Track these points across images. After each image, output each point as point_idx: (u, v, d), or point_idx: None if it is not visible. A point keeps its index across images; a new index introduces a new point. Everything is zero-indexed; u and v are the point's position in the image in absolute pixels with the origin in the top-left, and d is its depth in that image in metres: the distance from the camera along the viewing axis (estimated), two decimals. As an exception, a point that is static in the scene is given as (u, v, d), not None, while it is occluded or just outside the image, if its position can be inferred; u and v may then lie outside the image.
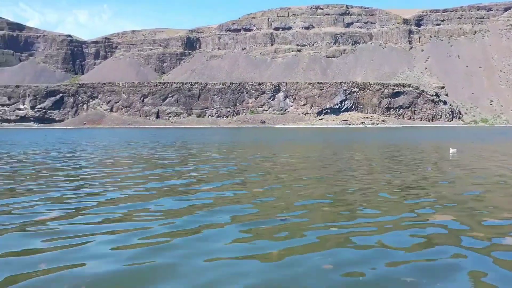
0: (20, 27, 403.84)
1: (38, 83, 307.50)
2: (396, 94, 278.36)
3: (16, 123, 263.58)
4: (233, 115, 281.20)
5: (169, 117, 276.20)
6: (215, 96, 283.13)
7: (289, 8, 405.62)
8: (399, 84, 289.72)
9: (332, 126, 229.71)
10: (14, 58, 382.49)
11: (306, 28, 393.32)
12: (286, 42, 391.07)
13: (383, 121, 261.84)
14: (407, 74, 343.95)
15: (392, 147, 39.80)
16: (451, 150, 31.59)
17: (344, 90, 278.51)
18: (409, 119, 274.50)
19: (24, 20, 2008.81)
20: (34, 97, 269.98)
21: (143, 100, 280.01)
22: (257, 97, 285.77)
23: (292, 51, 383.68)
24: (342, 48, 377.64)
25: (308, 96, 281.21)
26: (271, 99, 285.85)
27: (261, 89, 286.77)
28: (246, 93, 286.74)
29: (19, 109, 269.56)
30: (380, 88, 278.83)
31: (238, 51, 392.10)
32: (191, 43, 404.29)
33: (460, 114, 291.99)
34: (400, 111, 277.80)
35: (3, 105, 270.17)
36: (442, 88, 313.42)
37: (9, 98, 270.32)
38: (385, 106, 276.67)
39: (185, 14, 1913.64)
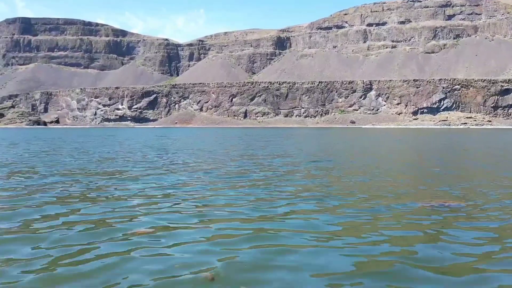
0: (123, 33, 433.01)
1: (137, 85, 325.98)
2: (506, 92, 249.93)
3: (115, 122, 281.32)
4: (321, 115, 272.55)
5: (257, 116, 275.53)
6: (303, 96, 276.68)
7: (384, 3, 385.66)
8: (509, 80, 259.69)
9: (429, 127, 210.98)
10: (117, 62, 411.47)
11: (402, 22, 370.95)
12: (380, 39, 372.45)
13: (489, 121, 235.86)
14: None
15: None
16: None
17: (443, 87, 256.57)
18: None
19: (130, 27, 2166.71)
20: (131, 98, 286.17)
21: (231, 100, 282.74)
22: (347, 96, 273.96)
23: (387, 47, 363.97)
24: (442, 42, 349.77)
25: (402, 94, 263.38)
26: (362, 98, 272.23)
27: (352, 87, 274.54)
28: (336, 92, 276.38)
29: (118, 109, 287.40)
30: (485, 85, 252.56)
31: (329, 49, 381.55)
32: (282, 43, 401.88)
33: None
34: (510, 111, 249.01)
35: (104, 105, 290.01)
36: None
37: (109, 99, 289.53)
38: (492, 105, 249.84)
39: (276, 14, 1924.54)
